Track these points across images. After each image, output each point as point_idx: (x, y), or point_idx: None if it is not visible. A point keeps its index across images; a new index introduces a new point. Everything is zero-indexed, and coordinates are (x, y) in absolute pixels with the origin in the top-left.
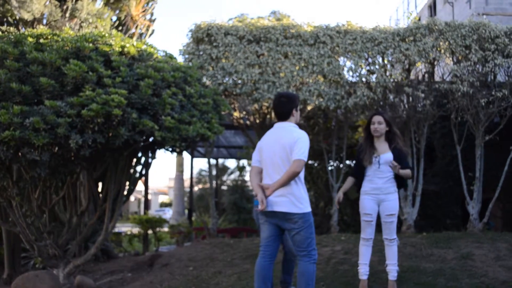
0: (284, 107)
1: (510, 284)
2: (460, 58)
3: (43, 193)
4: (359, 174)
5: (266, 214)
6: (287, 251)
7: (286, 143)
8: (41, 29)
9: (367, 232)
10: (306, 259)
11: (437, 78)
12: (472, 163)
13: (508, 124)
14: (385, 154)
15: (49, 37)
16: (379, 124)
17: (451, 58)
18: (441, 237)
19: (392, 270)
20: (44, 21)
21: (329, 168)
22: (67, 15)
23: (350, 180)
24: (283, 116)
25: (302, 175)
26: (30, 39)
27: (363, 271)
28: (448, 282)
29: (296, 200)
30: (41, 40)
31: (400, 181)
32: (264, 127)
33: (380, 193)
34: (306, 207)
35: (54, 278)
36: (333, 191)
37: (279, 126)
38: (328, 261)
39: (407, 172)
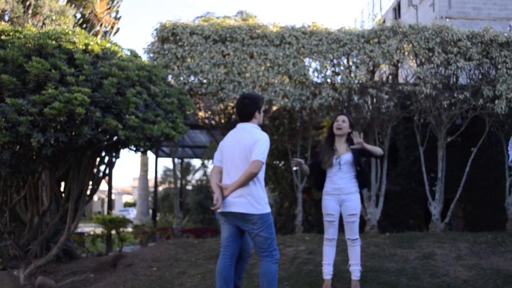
0: (246, 108)
1: (471, 283)
2: (423, 60)
3: (4, 193)
4: (316, 171)
5: (225, 215)
6: (242, 251)
7: (247, 144)
8: (2, 25)
9: (330, 232)
10: (267, 259)
11: (400, 80)
12: (434, 164)
13: (469, 126)
14: (346, 155)
15: (11, 33)
16: (343, 122)
17: (414, 61)
18: (404, 237)
19: (355, 270)
20: (6, 18)
21: (294, 168)
22: (30, 11)
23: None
24: (245, 117)
25: (261, 176)
26: None
27: (327, 271)
28: (410, 282)
29: (254, 201)
30: (3, 37)
31: (363, 178)
32: (229, 127)
33: (341, 193)
34: (265, 208)
35: (15, 279)
36: (298, 191)
37: (241, 127)
38: (292, 261)
39: (375, 148)
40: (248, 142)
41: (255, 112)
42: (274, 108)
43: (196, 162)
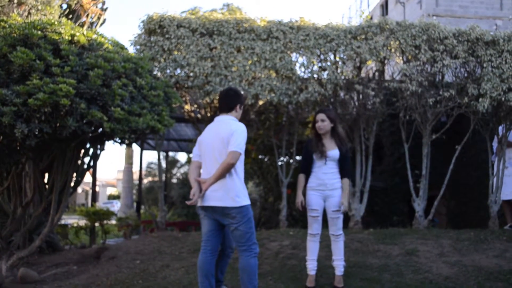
0: (231, 99)
1: (453, 279)
2: (409, 57)
3: None
4: (309, 169)
5: (205, 209)
6: (225, 246)
7: (224, 136)
8: None
9: (314, 227)
10: (246, 253)
11: (387, 76)
12: (419, 161)
13: (454, 123)
14: (332, 151)
15: None
16: (322, 122)
17: (401, 57)
18: (387, 233)
19: (339, 265)
20: None
21: (279, 163)
22: (15, 1)
23: (302, 179)
24: (227, 108)
25: (240, 167)
26: None
27: (311, 266)
28: (393, 278)
29: (233, 194)
30: None
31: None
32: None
33: (326, 188)
34: (244, 201)
35: None
36: (283, 186)
37: (219, 120)
38: (276, 256)
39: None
40: (226, 134)
41: (237, 105)
42: (261, 102)
43: (181, 156)
